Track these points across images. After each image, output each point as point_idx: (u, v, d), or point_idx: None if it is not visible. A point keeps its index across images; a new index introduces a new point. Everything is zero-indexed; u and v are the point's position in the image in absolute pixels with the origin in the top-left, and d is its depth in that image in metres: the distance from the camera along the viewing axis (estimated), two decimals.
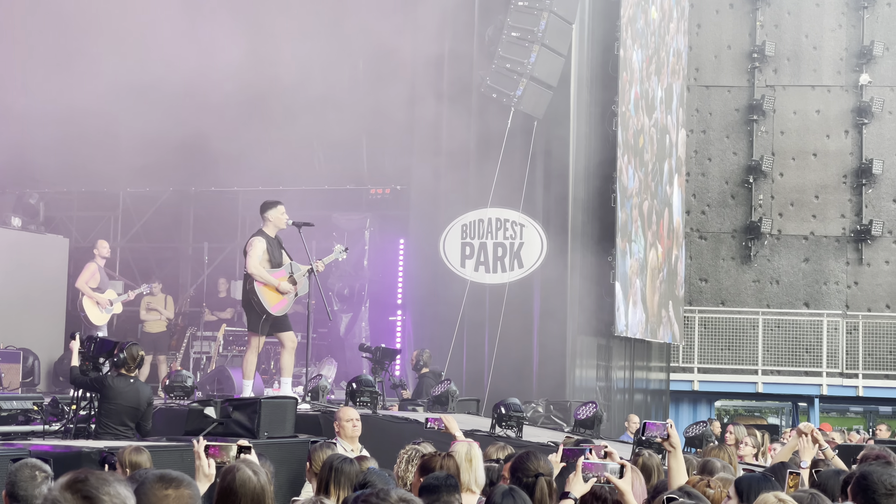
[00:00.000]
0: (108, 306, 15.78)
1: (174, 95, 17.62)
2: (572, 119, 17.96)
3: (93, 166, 18.88)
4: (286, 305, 12.69)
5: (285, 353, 12.75)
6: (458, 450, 6.93)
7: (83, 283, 15.82)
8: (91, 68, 17.07)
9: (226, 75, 17.35)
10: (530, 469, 6.14)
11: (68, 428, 10.48)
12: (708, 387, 26.38)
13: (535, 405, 15.99)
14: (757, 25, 27.63)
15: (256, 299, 12.42)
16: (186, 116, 17.49)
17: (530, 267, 17.65)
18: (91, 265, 16.06)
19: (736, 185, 27.49)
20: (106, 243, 16.57)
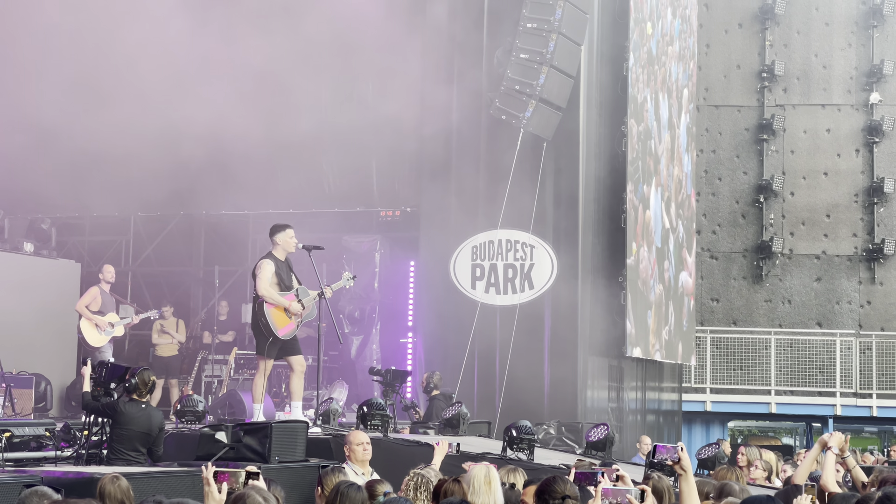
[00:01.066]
0: (107, 328, 15.78)
1: (184, 121, 17.68)
2: (581, 140, 17.97)
3: (104, 191, 18.97)
4: (293, 329, 12.69)
5: (295, 377, 12.76)
6: (477, 473, 6.91)
7: (82, 305, 15.91)
8: (101, 95, 17.13)
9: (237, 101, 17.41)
10: (557, 492, 6.13)
11: (80, 454, 10.49)
12: (721, 407, 26.30)
13: (547, 427, 15.96)
14: (766, 44, 27.65)
15: (264, 321, 12.44)
16: (196, 141, 17.56)
17: (541, 288, 17.63)
18: (93, 289, 16.14)
19: (747, 204, 27.46)
20: (111, 268, 16.59)
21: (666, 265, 21.31)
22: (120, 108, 17.24)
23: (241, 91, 17.61)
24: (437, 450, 9.62)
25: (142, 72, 17.66)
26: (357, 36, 17.54)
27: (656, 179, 20.55)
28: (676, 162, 22.30)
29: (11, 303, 16.22)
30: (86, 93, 17.28)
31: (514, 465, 8.74)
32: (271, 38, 17.38)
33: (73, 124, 17.74)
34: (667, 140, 21.55)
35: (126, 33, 17.19)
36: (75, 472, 8.83)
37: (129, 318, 16.56)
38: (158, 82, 17.45)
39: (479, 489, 6.67)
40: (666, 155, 21.38)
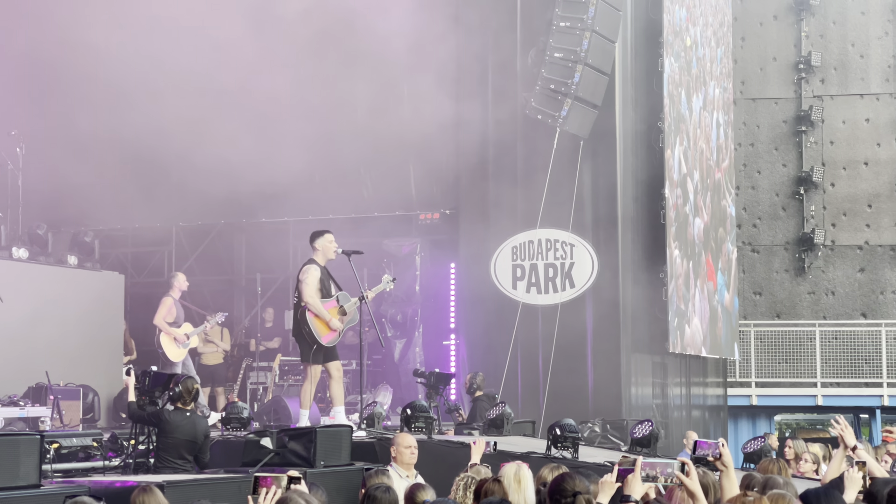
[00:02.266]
0: (184, 341, 15.74)
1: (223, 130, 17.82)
2: (618, 137, 17.95)
3: (145, 202, 19.13)
4: (336, 336, 12.78)
5: (334, 383, 12.89)
6: (507, 471, 6.94)
7: (160, 319, 15.76)
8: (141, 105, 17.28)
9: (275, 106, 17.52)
10: (567, 490, 6.15)
11: (128, 463, 10.60)
12: (766, 401, 26.14)
13: (592, 425, 15.96)
14: (802, 36, 27.48)
15: (308, 329, 12.54)
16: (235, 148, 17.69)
17: (582, 286, 17.63)
18: (167, 299, 16.04)
19: (787, 196, 27.30)
20: (183, 276, 16.36)
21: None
22: (159, 117, 17.38)
23: (277, 97, 17.70)
24: (474, 448, 9.65)
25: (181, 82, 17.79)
26: (392, 39, 17.57)
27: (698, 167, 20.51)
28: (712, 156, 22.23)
29: (57, 315, 16.38)
30: (126, 104, 17.42)
31: (557, 463, 8.74)
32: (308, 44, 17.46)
33: (114, 136, 17.92)
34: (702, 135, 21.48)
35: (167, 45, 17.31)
36: (122, 482, 8.92)
37: (202, 327, 16.56)
38: (197, 92, 17.56)
39: (510, 487, 6.70)
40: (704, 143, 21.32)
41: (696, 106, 21.06)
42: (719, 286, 21.66)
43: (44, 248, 17.05)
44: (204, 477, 9.91)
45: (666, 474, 5.82)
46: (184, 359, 15.85)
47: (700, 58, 21.44)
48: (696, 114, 21.04)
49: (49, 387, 14.75)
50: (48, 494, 8.23)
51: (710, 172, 21.78)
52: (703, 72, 21.61)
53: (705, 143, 21.50)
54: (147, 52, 17.47)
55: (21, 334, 15.50)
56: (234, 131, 17.76)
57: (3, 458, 8.11)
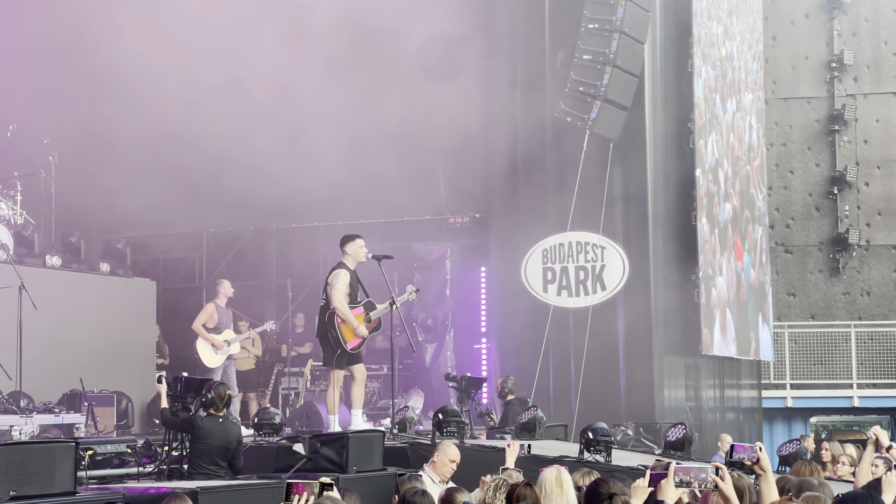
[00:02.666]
0: (223, 347, 15.70)
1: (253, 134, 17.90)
2: (648, 138, 17.88)
3: (176, 209, 19.22)
4: (361, 343, 12.81)
5: (356, 386, 12.93)
6: (548, 476, 6.90)
7: (198, 324, 15.77)
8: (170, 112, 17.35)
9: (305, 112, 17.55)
10: (602, 493, 6.14)
11: (161, 469, 10.63)
12: (802, 403, 25.97)
13: (625, 428, 15.90)
14: (834, 34, 27.31)
15: (334, 334, 12.59)
16: (265, 154, 17.74)
17: (613, 289, 17.57)
18: (209, 306, 16.03)
19: (820, 196, 27.13)
20: (228, 283, 16.29)
21: (742, 262, 21.13)
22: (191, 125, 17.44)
23: (308, 104, 17.73)
24: (508, 452, 9.62)
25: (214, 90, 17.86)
26: (421, 44, 17.59)
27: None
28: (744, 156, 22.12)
29: (91, 323, 16.47)
30: (159, 111, 17.50)
31: (590, 467, 8.73)
32: (334, 48, 17.49)
33: (146, 143, 18.01)
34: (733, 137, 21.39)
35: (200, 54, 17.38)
36: (156, 488, 8.95)
37: (247, 334, 16.55)
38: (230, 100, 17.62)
39: (551, 492, 6.66)
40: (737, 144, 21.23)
41: (729, 108, 20.98)
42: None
43: (77, 256, 17.16)
44: (237, 483, 9.93)
45: (700, 479, 5.78)
46: (224, 366, 15.73)
47: (735, 68, 21.38)
48: (730, 115, 20.95)
49: (83, 393, 14.83)
50: (84, 501, 8.27)
51: (741, 165, 21.67)
52: (737, 80, 21.53)
53: (737, 142, 21.41)
54: (180, 61, 17.53)
55: (55, 342, 15.59)
56: (266, 137, 17.81)
57: (39, 465, 8.15)
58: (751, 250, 22.06)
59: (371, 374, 17.94)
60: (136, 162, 18.37)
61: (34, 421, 13.28)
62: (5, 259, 15.04)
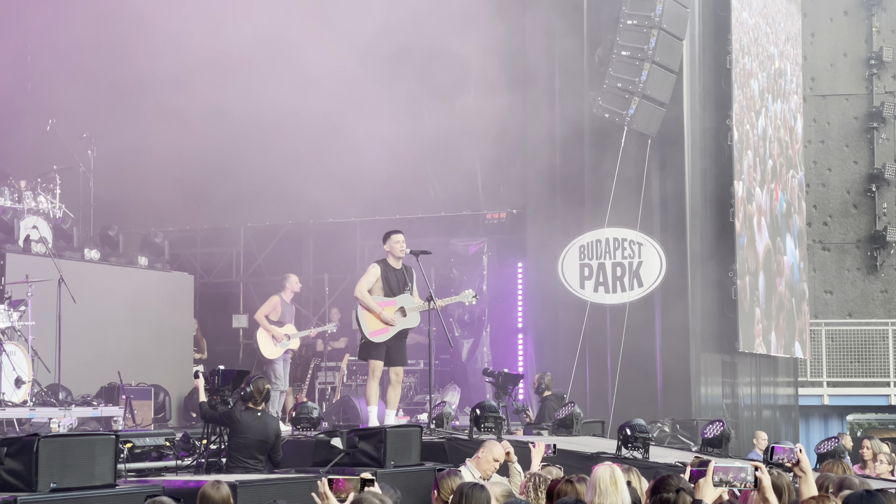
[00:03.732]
0: (283, 340, 15.68)
1: (290, 130, 17.95)
2: (686, 135, 17.83)
3: (214, 203, 19.31)
4: (386, 335, 12.84)
5: (391, 387, 12.99)
6: (602, 474, 6.87)
7: (261, 315, 15.74)
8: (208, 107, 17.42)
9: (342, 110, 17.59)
10: (671, 485, 6.12)
11: (200, 463, 10.68)
12: (838, 401, 25.81)
13: (661, 425, 15.87)
14: (873, 31, 27.09)
15: (358, 323, 12.73)
16: (302, 147, 17.79)
17: (650, 286, 17.53)
18: (273, 298, 16.00)
19: (858, 194, 26.93)
20: (295, 277, 16.14)
21: (783, 259, 21.04)
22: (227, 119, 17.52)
23: (346, 100, 17.76)
24: (533, 451, 9.60)
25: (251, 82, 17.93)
26: (458, 39, 17.59)
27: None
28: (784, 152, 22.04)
29: (129, 316, 16.57)
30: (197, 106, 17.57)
31: (628, 464, 8.69)
32: (370, 46, 17.51)
33: (181, 138, 18.09)
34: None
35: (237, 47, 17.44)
36: (195, 481, 8.98)
37: (308, 331, 16.59)
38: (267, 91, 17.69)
39: (606, 490, 6.61)
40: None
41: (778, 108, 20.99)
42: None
43: (115, 250, 17.25)
44: (276, 477, 9.96)
45: (740, 479, 5.75)
46: (281, 359, 15.70)
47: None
48: (778, 109, 20.90)
49: (121, 386, 14.92)
50: (123, 494, 8.31)
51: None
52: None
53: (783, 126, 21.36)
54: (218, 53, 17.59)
55: (93, 335, 15.70)
56: (305, 133, 17.86)
57: (80, 458, 8.20)
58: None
59: (408, 369, 17.89)
60: (175, 157, 18.46)
61: (73, 414, 13.35)
62: (45, 252, 15.15)
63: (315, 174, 17.80)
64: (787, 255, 21.78)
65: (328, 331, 16.99)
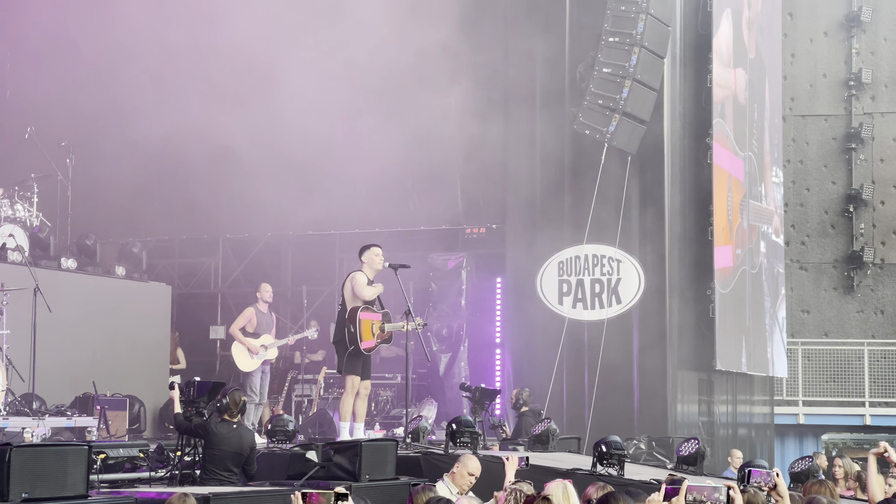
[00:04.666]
0: (259, 352, 15.63)
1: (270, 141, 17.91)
2: (666, 153, 17.88)
3: (193, 213, 19.25)
4: (372, 347, 12.85)
5: (360, 400, 12.94)
6: (554, 491, 6.89)
7: (236, 328, 15.72)
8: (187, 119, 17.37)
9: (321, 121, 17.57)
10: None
11: (174, 474, 10.61)
12: (814, 420, 25.91)
13: (637, 442, 15.87)
14: (852, 52, 27.25)
15: (352, 329, 12.59)
16: (282, 159, 17.75)
17: (628, 303, 17.55)
18: (248, 310, 15.96)
19: (836, 214, 27.05)
20: (269, 287, 16.19)
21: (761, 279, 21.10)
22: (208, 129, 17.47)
23: (326, 114, 17.74)
24: (507, 465, 9.58)
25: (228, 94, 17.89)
26: (440, 55, 17.61)
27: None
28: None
29: (105, 326, 16.50)
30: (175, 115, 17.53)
31: (603, 481, 8.68)
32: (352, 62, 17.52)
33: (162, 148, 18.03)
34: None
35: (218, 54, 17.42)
36: (168, 493, 8.93)
37: (286, 339, 16.54)
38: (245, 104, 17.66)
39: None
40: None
41: None
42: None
43: (92, 259, 17.18)
44: (250, 490, 9.92)
45: (713, 499, 5.76)
46: (259, 371, 15.64)
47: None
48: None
49: (96, 397, 14.84)
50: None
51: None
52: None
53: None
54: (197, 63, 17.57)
55: (69, 344, 15.61)
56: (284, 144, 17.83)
57: (52, 468, 8.15)
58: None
59: (384, 382, 17.94)
60: (154, 166, 18.39)
61: (46, 423, 13.27)
62: (21, 261, 15.07)
63: (295, 186, 17.78)
64: (764, 273, 21.85)
65: (308, 337, 16.91)
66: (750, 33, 21.49)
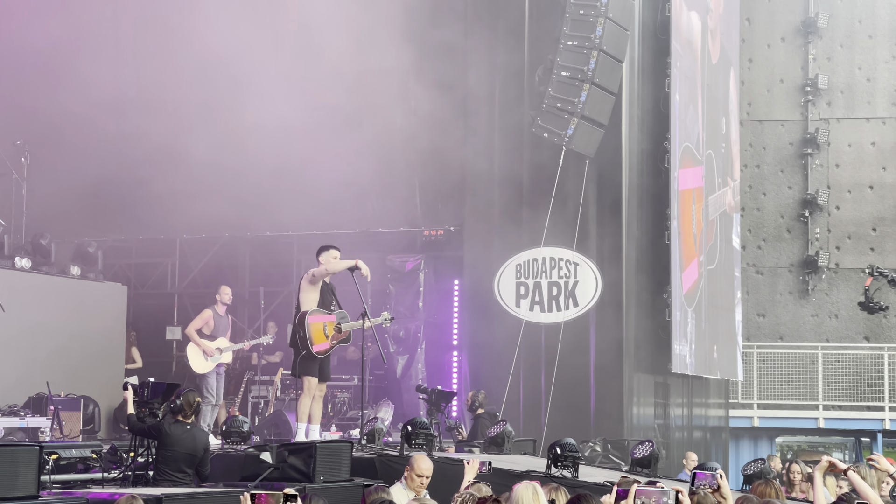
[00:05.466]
0: (214, 354, 15.58)
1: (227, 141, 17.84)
2: (624, 156, 17.96)
3: (149, 213, 19.14)
4: (327, 349, 12.83)
5: (314, 402, 12.93)
6: (523, 493, 6.89)
7: (192, 329, 15.69)
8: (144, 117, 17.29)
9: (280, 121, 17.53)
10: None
11: (126, 475, 10.56)
12: (768, 423, 26.10)
13: (593, 444, 15.93)
14: (809, 58, 27.48)
15: (301, 334, 12.61)
16: (241, 161, 17.69)
17: (585, 305, 17.61)
18: (206, 311, 15.92)
19: (792, 219, 27.28)
20: (228, 289, 16.20)
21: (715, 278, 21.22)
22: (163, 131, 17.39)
23: (285, 111, 17.70)
24: (467, 468, 9.59)
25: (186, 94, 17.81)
26: (400, 56, 17.62)
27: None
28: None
29: (60, 326, 16.38)
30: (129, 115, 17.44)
31: (557, 483, 8.72)
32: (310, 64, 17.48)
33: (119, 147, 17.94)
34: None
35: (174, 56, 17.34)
36: (121, 494, 8.88)
37: (241, 344, 16.48)
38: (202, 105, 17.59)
39: None
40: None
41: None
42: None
43: (47, 259, 17.04)
44: (202, 491, 9.89)
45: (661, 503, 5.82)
46: (214, 373, 15.60)
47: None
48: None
49: (50, 397, 14.73)
50: None
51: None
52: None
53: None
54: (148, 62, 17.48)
55: (22, 344, 15.49)
56: (241, 144, 17.77)
57: (2, 469, 8.09)
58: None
59: (341, 384, 17.91)
60: (111, 166, 18.28)
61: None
62: None
63: (252, 188, 17.73)
64: (722, 276, 21.99)
65: (263, 343, 16.88)
66: (713, 39, 21.63)
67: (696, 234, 20.14)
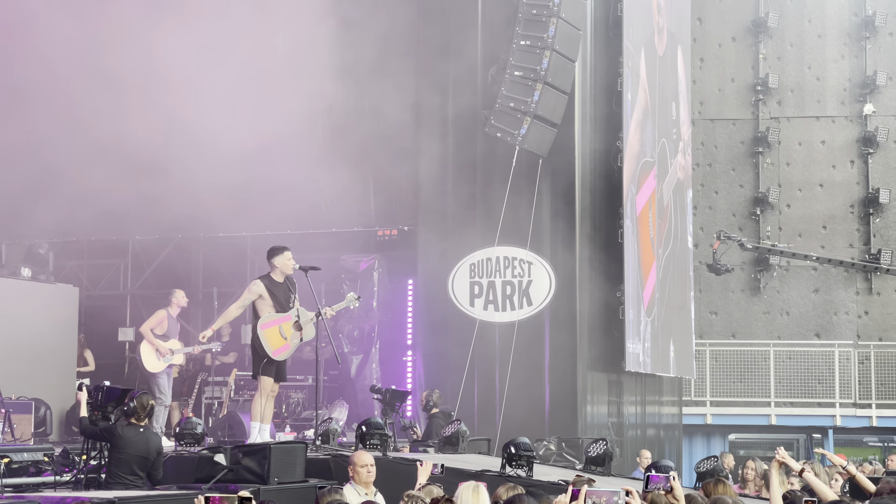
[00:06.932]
0: (167, 355, 15.54)
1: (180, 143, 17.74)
2: (577, 156, 18.03)
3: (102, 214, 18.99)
4: (288, 351, 12.81)
5: (267, 401, 12.91)
6: (463, 492, 6.93)
7: (147, 328, 15.64)
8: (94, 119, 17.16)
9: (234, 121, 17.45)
10: None
11: (79, 478, 10.50)
12: (721, 420, 26.30)
13: (548, 443, 16.00)
14: (760, 58, 27.72)
15: (258, 342, 12.58)
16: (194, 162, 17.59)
17: (539, 304, 17.66)
18: (160, 312, 15.88)
19: (743, 217, 27.50)
20: (183, 293, 16.21)
21: (669, 277, 21.34)
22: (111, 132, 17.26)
23: (238, 111, 17.63)
24: (420, 470, 9.61)
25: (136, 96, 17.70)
26: (352, 55, 17.59)
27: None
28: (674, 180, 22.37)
29: (10, 328, 16.24)
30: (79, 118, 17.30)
31: (513, 482, 8.75)
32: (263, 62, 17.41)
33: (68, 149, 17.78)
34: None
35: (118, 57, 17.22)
36: (73, 497, 8.84)
37: (192, 348, 16.41)
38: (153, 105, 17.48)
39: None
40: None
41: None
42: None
43: None
44: (155, 493, 9.84)
45: (612, 503, 5.87)
46: (164, 373, 15.56)
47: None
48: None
49: (0, 400, 14.60)
50: None
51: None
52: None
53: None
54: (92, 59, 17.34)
55: None
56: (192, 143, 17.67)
57: None
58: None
59: (296, 384, 17.86)
60: (61, 166, 18.12)
61: None
62: None
63: (204, 188, 17.62)
64: (676, 273, 22.12)
65: (212, 349, 16.84)
66: (660, 36, 21.74)
67: (653, 239, 20.25)
